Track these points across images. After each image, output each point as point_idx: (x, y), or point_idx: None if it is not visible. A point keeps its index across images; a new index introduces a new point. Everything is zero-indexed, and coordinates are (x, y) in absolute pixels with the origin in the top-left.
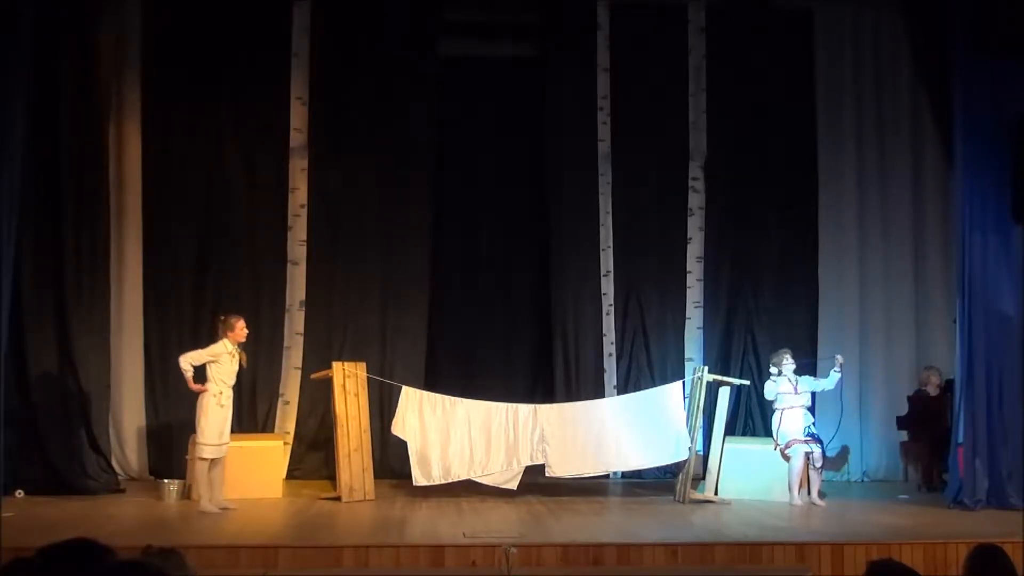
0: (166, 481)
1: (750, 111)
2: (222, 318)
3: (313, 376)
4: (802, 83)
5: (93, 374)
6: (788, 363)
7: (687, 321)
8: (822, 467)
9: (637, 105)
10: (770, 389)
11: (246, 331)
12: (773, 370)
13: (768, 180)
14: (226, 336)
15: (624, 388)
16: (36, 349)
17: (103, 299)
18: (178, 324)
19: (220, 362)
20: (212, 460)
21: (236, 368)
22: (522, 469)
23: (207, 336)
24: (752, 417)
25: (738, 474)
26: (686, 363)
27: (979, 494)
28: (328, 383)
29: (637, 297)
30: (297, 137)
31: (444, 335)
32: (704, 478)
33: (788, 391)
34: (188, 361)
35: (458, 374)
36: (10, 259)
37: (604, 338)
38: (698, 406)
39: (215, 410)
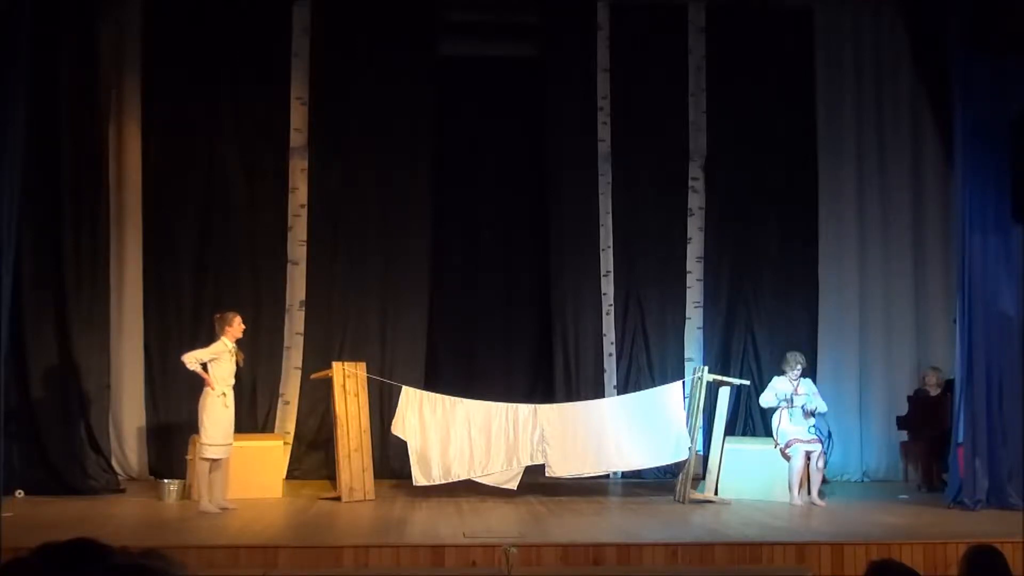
0: (166, 481)
1: (750, 111)
2: (218, 315)
3: (313, 376)
4: (802, 83)
5: (93, 374)
6: (796, 367)
7: (687, 321)
8: (825, 466)
9: (637, 105)
10: (766, 399)
11: (243, 327)
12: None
13: (768, 180)
14: (224, 333)
15: (624, 388)
16: (36, 349)
17: (103, 299)
18: (178, 324)
19: (221, 360)
20: (214, 460)
21: (234, 367)
22: (522, 469)
23: (207, 336)
24: (752, 417)
25: (738, 474)
26: (686, 363)
27: (979, 494)
28: (328, 383)
29: (637, 297)
30: (297, 137)
31: (444, 335)
32: (704, 478)
33: (788, 391)
34: (195, 358)
35: (458, 374)
36: (10, 259)
37: (604, 338)
38: (698, 406)
39: (221, 411)
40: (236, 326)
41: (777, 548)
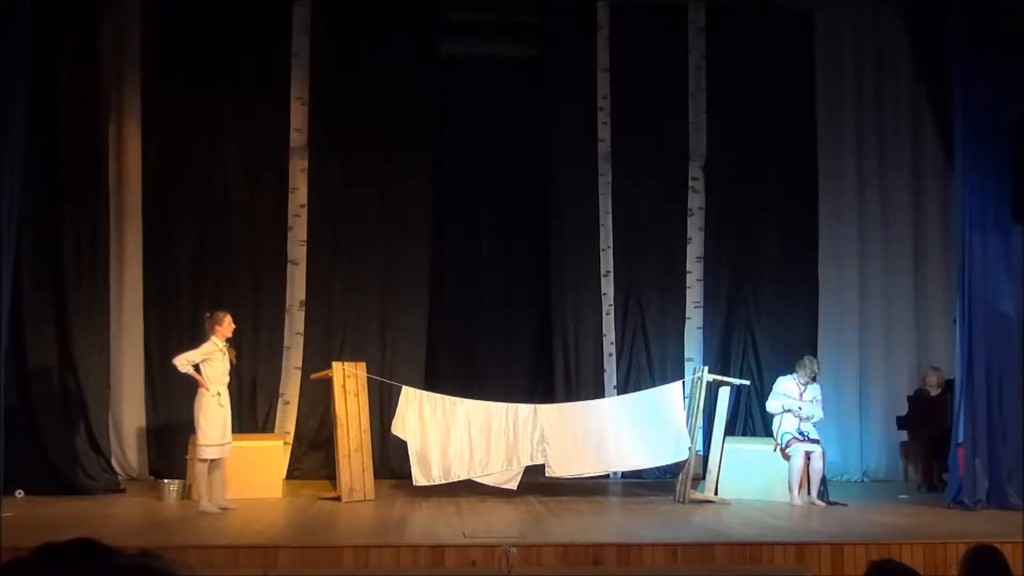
0: (166, 481)
1: (750, 111)
2: (208, 315)
3: (313, 376)
4: (802, 83)
5: (93, 374)
6: (811, 374)
7: (687, 321)
8: (823, 466)
9: (637, 105)
10: (772, 407)
11: (233, 326)
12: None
13: (768, 180)
14: (214, 332)
15: (624, 388)
16: (36, 349)
17: (103, 299)
18: (178, 324)
19: (212, 360)
20: (213, 460)
21: (228, 366)
22: (522, 469)
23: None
24: (752, 417)
25: (738, 474)
26: (686, 363)
27: (979, 494)
28: (328, 383)
29: (637, 297)
30: (297, 137)
31: (444, 335)
32: (704, 478)
33: (793, 394)
34: (187, 360)
35: (458, 374)
36: (10, 259)
37: (604, 338)
38: (698, 406)
39: (215, 411)
40: (226, 325)
41: (777, 548)
